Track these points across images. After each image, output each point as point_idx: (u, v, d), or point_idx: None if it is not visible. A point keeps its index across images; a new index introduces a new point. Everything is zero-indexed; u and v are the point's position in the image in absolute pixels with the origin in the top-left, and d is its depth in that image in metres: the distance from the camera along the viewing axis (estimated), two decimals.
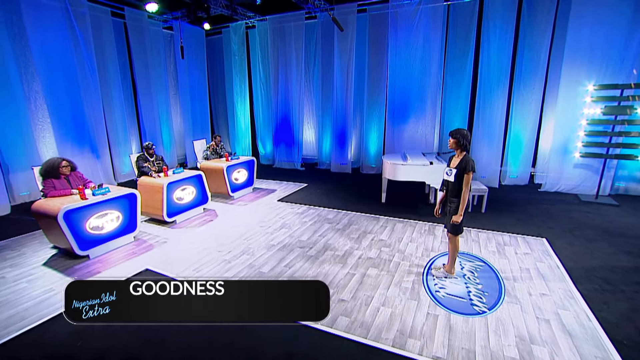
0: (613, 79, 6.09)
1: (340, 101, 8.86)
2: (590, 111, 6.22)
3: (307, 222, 5.49)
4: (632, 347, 2.70)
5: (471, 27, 7.22)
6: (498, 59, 6.98)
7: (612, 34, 6.02)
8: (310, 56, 9.46)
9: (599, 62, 6.15)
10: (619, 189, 6.59)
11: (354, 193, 7.11)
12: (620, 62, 6.00)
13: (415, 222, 5.38)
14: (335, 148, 9.24)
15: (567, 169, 6.68)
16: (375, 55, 8.34)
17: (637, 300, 3.30)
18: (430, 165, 5.50)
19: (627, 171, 6.54)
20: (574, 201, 6.28)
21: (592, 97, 6.14)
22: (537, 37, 6.70)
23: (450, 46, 7.56)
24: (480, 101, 7.36)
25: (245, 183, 7.15)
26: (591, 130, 6.29)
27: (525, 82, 6.90)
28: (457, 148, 3.50)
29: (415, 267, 3.99)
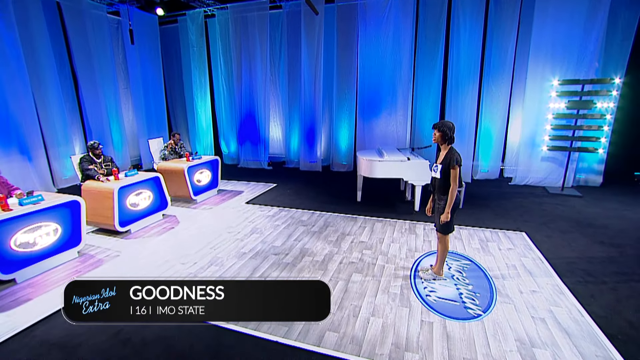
0: (575, 74, 6.34)
1: (309, 96, 8.54)
2: (555, 105, 6.44)
3: (280, 225, 5.12)
4: (626, 341, 2.67)
5: (441, 20, 7.22)
6: (468, 54, 7.04)
7: (572, 30, 6.27)
8: (275, 48, 9.03)
9: (561, 58, 6.38)
10: (580, 181, 6.92)
11: (327, 192, 6.83)
12: (581, 57, 6.25)
13: (394, 221, 5.21)
14: (304, 145, 8.91)
15: (535, 162, 6.90)
16: (345, 48, 8.12)
17: (619, 291, 3.34)
18: (408, 161, 5.36)
19: (586, 163, 6.87)
20: (543, 194, 6.48)
21: (556, 92, 6.36)
22: (504, 33, 6.84)
23: (421, 40, 7.53)
24: (451, 96, 7.40)
25: (209, 185, 6.60)
26: (556, 124, 6.52)
27: (494, 77, 7.02)
28: (443, 142, 3.32)
29: (402, 270, 3.78)
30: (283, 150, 9.80)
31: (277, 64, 9.17)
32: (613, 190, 6.55)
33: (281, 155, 9.88)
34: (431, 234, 4.74)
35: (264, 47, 8.63)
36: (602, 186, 6.81)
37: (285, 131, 9.49)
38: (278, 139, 9.86)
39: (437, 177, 3.36)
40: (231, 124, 9.76)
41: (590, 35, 6.20)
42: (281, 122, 9.65)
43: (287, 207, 5.95)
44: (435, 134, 3.35)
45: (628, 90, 6.53)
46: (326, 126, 8.97)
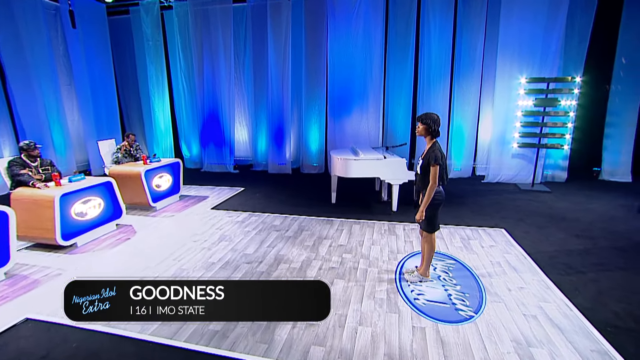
0: (539, 72, 6.64)
1: (276, 95, 8.28)
2: (524, 103, 6.69)
3: (251, 231, 4.80)
4: (616, 333, 2.68)
5: (411, 16, 7.30)
6: (439, 51, 7.17)
7: (536, 30, 6.57)
8: (240, 45, 8.69)
9: (527, 56, 6.66)
10: (547, 177, 7.24)
11: (299, 195, 6.59)
12: (544, 56, 6.56)
13: (372, 223, 5.08)
14: (272, 147, 8.61)
15: (506, 159, 7.12)
16: (313, 44, 7.97)
17: (600, 282, 3.41)
18: (385, 159, 5.27)
19: (552, 160, 7.21)
20: (515, 190, 6.68)
21: (524, 90, 6.61)
22: (472, 30, 7.03)
23: (391, 36, 7.56)
24: (422, 94, 7.48)
25: (170, 190, 6.12)
26: (525, 121, 6.77)
27: (464, 74, 7.19)
28: (427, 135, 3.23)
29: (386, 274, 3.63)
30: (250, 152, 9.43)
31: (242, 61, 8.83)
32: (577, 185, 6.91)
33: (248, 158, 9.50)
34: (412, 234, 4.66)
35: (228, 43, 8.27)
36: (567, 181, 7.17)
37: (252, 132, 9.14)
38: (244, 141, 9.48)
39: (417, 173, 3.26)
40: (193, 125, 9.23)
41: (552, 35, 6.52)
42: (247, 122, 9.29)
43: (258, 211, 5.64)
44: (418, 126, 3.24)
45: (588, 89, 6.94)
46: (295, 126, 8.75)
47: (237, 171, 8.79)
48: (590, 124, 7.22)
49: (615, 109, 7.02)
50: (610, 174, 7.20)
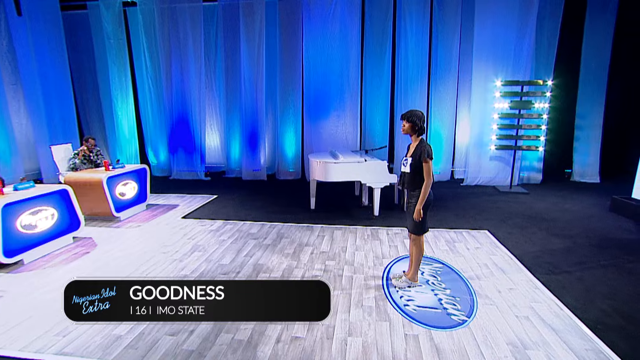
0: (514, 75, 6.89)
1: (250, 98, 8.08)
2: (500, 105, 6.90)
3: (226, 240, 4.56)
4: (606, 330, 2.71)
5: (387, 18, 7.39)
6: (415, 53, 7.28)
7: (509, 33, 6.83)
8: (210, 45, 8.45)
9: (501, 59, 6.90)
10: (523, 179, 7.49)
11: (276, 201, 6.41)
12: (517, 60, 6.83)
13: (354, 228, 4.99)
14: (245, 152, 8.37)
15: (484, 162, 7.30)
16: (288, 45, 7.89)
17: (585, 280, 3.48)
18: (366, 162, 5.21)
19: (528, 162, 7.48)
20: (494, 192, 6.84)
21: (500, 92, 6.83)
22: (448, 34, 7.23)
23: (368, 38, 7.62)
24: (400, 97, 7.56)
25: (136, 199, 5.75)
26: (502, 123, 6.98)
27: (442, 78, 7.34)
28: (413, 133, 3.19)
29: (372, 280, 3.53)
30: (222, 158, 9.14)
31: (213, 62, 8.58)
32: (552, 186, 7.19)
33: (220, 165, 9.20)
34: (396, 238, 4.60)
35: (198, 44, 8.02)
36: (542, 183, 7.45)
37: (224, 137, 8.87)
38: (216, 147, 9.17)
39: (407, 172, 3.20)
40: (160, 130, 8.83)
41: (523, 39, 6.81)
42: (219, 127, 9.01)
43: (233, 219, 5.40)
44: (404, 124, 3.20)
45: (559, 91, 7.28)
46: (270, 131, 8.58)
47: (208, 178, 8.46)
48: (562, 127, 7.57)
49: (583, 112, 7.41)
50: (580, 175, 7.56)
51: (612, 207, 5.66)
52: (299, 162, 8.39)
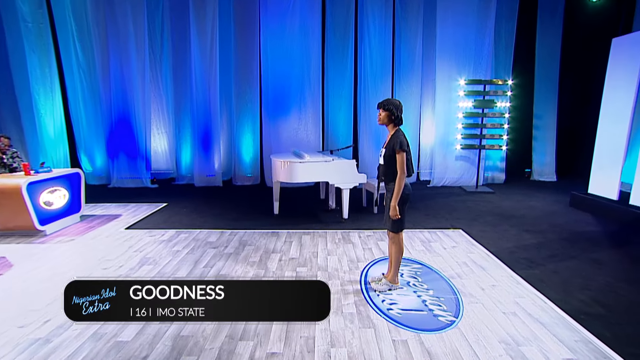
0: (475, 74, 7.23)
1: (202, 97, 7.69)
2: (464, 104, 7.19)
3: (181, 251, 4.19)
4: (589, 320, 2.79)
5: (349, 16, 7.44)
6: (379, 53, 7.39)
7: (469, 33, 7.18)
8: (156, 38, 7.96)
9: (463, 59, 7.23)
10: (487, 179, 7.84)
11: (235, 208, 6.08)
12: (478, 59, 7.19)
13: (323, 232, 4.84)
14: (198, 156, 7.92)
15: (450, 162, 7.53)
16: (244, 41, 7.64)
17: (560, 273, 3.62)
18: (334, 162, 5.11)
19: (491, 161, 7.85)
20: (461, 192, 7.06)
21: (464, 91, 7.11)
22: (410, 33, 7.43)
23: (330, 37, 7.60)
24: (363, 96, 7.60)
25: (67, 209, 5.13)
26: (466, 122, 7.27)
27: (405, 77, 7.51)
28: (389, 123, 3.13)
29: (350, 285, 3.38)
30: (171, 163, 8.58)
31: (158, 57, 8.08)
32: (515, 186, 7.59)
33: (169, 171, 8.63)
34: (369, 240, 4.52)
35: (141, 36, 7.49)
36: (505, 182, 7.85)
37: (174, 140, 8.34)
38: (163, 151, 8.60)
39: (382, 164, 3.13)
40: (97, 132, 8.08)
41: (484, 39, 7.20)
42: (167, 129, 8.47)
43: (187, 228, 5.00)
44: (380, 113, 3.13)
45: (519, 90, 7.75)
46: (225, 133, 8.23)
47: (155, 185, 7.88)
48: (522, 126, 8.06)
49: (540, 112, 7.96)
50: (539, 174, 8.08)
51: (571, 202, 6.06)
52: (258, 166, 8.10)
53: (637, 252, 4.18)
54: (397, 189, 3.01)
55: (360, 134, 7.71)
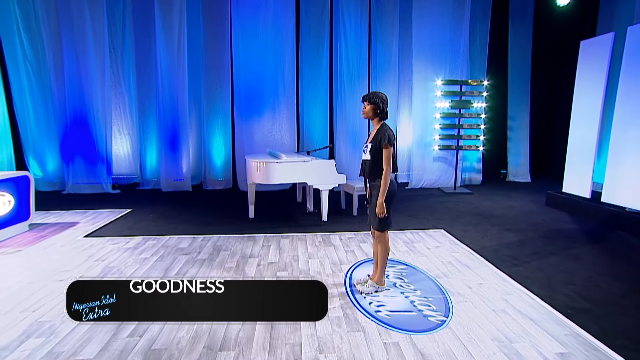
0: (452, 75, 7.43)
1: (169, 96, 7.42)
2: (441, 105, 7.35)
3: (149, 258, 3.96)
4: (575, 314, 2.86)
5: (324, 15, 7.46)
6: (355, 53, 7.43)
7: (444, 34, 7.39)
8: (117, 32, 7.62)
9: (439, 59, 7.41)
10: (465, 180, 8.04)
11: (206, 213, 5.88)
12: (454, 60, 7.40)
13: (303, 235, 4.75)
14: (165, 160, 7.62)
15: (428, 163, 7.67)
16: (214, 37, 7.48)
17: (544, 269, 3.73)
18: (312, 161, 5.05)
19: (468, 162, 8.06)
20: (440, 194, 7.20)
21: (441, 92, 7.28)
22: (386, 33, 7.54)
23: (304, 36, 7.58)
24: (339, 97, 7.61)
25: (13, 216, 4.75)
26: (443, 123, 7.43)
27: (382, 77, 7.60)
28: (374, 117, 3.12)
29: (334, 288, 3.31)
30: (135, 167, 8.20)
31: (120, 53, 7.74)
32: (491, 187, 7.84)
33: (132, 175, 8.24)
34: (351, 243, 4.48)
35: (99, 28, 7.12)
36: (482, 184, 8.08)
37: (137, 142, 8.00)
38: (126, 154, 8.21)
39: (367, 159, 3.10)
40: (47, 134, 7.58)
41: (459, 40, 7.43)
42: (130, 130, 8.10)
43: (155, 234, 4.76)
44: (365, 106, 3.12)
45: (495, 91, 8.04)
46: (194, 134, 7.98)
47: (117, 191, 7.49)
48: (498, 127, 8.35)
49: (513, 113, 8.29)
50: (514, 175, 8.39)
51: (547, 202, 6.32)
52: (230, 169, 7.91)
53: (613, 247, 4.39)
54: (384, 185, 2.99)
55: (337, 134, 7.70)
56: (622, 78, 5.22)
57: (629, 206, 5.05)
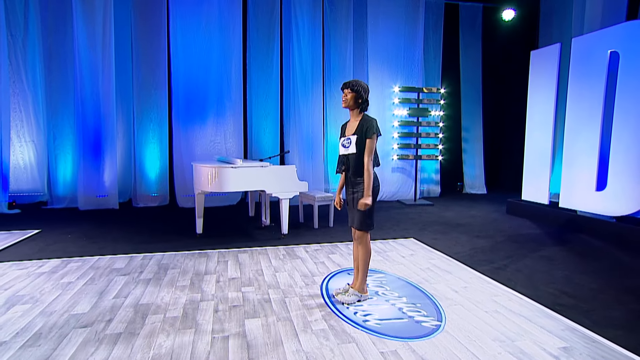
0: (408, 82, 7.83)
1: (91, 96, 6.81)
2: (399, 112, 7.65)
3: (74, 282, 3.49)
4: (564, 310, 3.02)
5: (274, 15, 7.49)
6: (309, 56, 7.51)
7: (399, 41, 7.82)
8: (17, 18, 6.83)
9: (395, 66, 7.79)
10: (423, 192, 8.38)
11: (141, 231, 5.42)
12: (410, 67, 7.83)
13: (263, 249, 4.56)
14: (84, 173, 6.90)
15: (387, 174, 7.88)
16: (149, 31, 7.11)
17: (522, 271, 3.95)
18: (273, 167, 4.91)
19: (426, 173, 8.43)
20: (401, 206, 7.42)
21: (398, 99, 7.60)
22: (341, 38, 7.75)
23: (253, 35, 7.52)
24: (291, 104, 7.59)
25: None
26: (401, 131, 7.72)
27: (336, 82, 7.75)
28: (355, 106, 3.12)
29: (311, 299, 3.17)
30: (41, 182, 7.32)
31: (21, 37, 6.84)
32: (450, 198, 8.28)
33: (37, 192, 7.34)
34: (319, 255, 4.38)
35: None
36: (441, 196, 8.48)
37: (45, 151, 7.18)
38: (28, 165, 7.27)
39: (352, 152, 3.06)
40: None
41: (414, 48, 7.90)
42: (35, 136, 7.21)
43: (78, 256, 4.23)
44: (346, 95, 3.10)
45: (452, 99, 8.58)
46: (122, 143, 7.42)
47: (17, 211, 6.61)
48: (454, 136, 8.88)
49: (467, 124, 8.91)
50: (470, 187, 8.94)
51: (508, 210, 6.80)
52: (166, 183, 7.41)
53: (578, 247, 4.79)
54: (368, 177, 2.96)
55: (290, 142, 7.63)
56: (570, 86, 5.87)
57: (581, 209, 5.61)
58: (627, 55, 5.09)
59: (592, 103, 5.49)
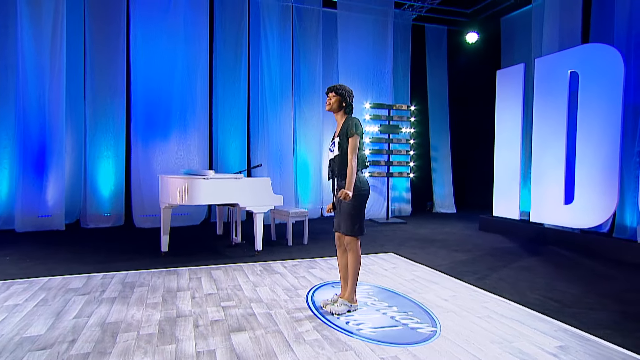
0: (379, 99, 8.11)
1: (35, 103, 6.44)
2: (370, 129, 7.86)
3: (23, 304, 3.22)
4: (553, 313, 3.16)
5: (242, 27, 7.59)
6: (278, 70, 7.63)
7: (369, 59, 8.14)
8: None
9: (365, 83, 8.08)
10: (394, 211, 8.55)
11: (96, 251, 5.13)
12: (380, 85, 8.14)
13: (238, 266, 4.45)
14: (23, 189, 6.42)
15: None
16: (105, 35, 6.89)
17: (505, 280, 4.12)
18: (247, 179, 4.86)
19: (397, 192, 8.64)
20: (374, 225, 7.53)
21: (370, 115, 7.82)
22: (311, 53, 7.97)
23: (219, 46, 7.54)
24: (262, 117, 7.61)
25: None
26: (373, 148, 7.91)
27: (305, 97, 7.89)
28: (339, 109, 3.19)
29: (299, 312, 3.12)
30: None
31: None
32: (422, 217, 8.54)
33: None
34: (297, 269, 4.35)
35: None
36: (412, 214, 8.70)
37: None
38: None
39: (336, 155, 3.13)
40: None
41: (384, 66, 8.25)
42: None
43: (22, 277, 3.91)
44: (330, 98, 3.18)
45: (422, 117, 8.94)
46: (72, 155, 7.04)
47: None
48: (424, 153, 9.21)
49: (435, 143, 9.31)
50: (440, 206, 9.26)
51: (480, 226, 7.09)
52: (121, 202, 7.07)
53: (552, 258, 5.08)
54: (350, 175, 2.98)
55: (259, 158, 7.59)
56: (536, 104, 6.34)
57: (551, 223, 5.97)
58: (585, 75, 5.58)
59: (557, 120, 5.93)
